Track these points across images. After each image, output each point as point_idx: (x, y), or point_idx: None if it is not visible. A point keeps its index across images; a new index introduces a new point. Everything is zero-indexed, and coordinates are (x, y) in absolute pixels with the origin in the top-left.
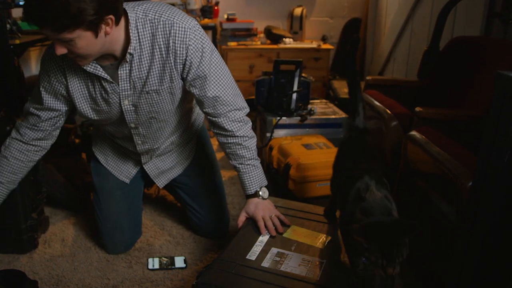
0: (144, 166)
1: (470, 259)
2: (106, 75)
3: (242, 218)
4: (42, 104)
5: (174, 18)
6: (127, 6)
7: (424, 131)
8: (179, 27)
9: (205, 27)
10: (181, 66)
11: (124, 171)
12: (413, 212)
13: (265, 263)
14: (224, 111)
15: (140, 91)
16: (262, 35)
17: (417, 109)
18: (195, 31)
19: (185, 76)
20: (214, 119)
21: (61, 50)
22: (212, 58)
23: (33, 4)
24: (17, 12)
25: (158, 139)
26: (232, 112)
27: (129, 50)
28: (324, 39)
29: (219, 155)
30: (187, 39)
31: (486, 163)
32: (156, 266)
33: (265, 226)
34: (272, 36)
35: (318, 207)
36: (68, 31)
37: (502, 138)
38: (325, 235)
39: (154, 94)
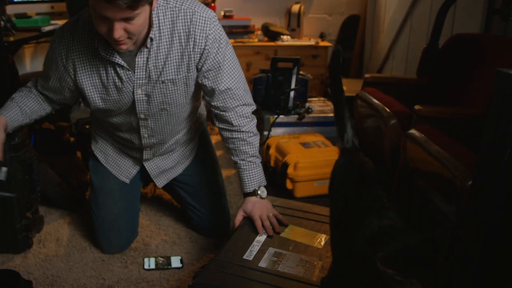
0: (144, 164)
1: (470, 259)
2: (123, 62)
3: (239, 217)
4: (48, 86)
5: (195, 7)
6: None
7: (423, 129)
8: (200, 16)
9: None
10: (199, 55)
11: (124, 171)
12: (412, 212)
13: (263, 263)
14: (233, 105)
15: (155, 81)
16: (259, 32)
17: (416, 107)
18: (214, 21)
19: (200, 66)
20: (222, 113)
21: (120, 32)
22: (227, 50)
23: None
24: (11, 9)
25: (165, 133)
26: (241, 107)
27: (150, 35)
28: (322, 36)
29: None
30: (207, 28)
31: (486, 162)
32: (152, 266)
33: (263, 225)
34: (270, 33)
35: (316, 206)
36: (141, 6)
37: (502, 137)
38: (323, 234)
39: (169, 83)
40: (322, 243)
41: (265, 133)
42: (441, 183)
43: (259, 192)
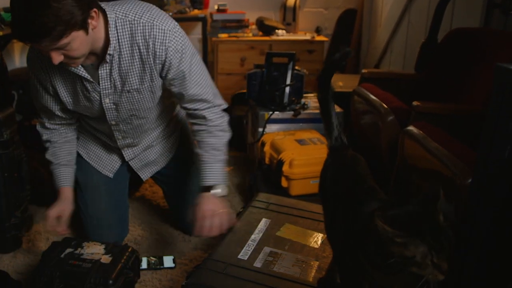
0: (128, 162)
1: (470, 258)
2: (86, 74)
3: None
4: (42, 103)
5: (154, 20)
6: (106, 6)
7: (422, 126)
8: (158, 29)
9: (195, 18)
10: (160, 66)
11: (107, 165)
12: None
13: (258, 263)
14: (203, 108)
15: (121, 90)
16: (254, 26)
17: (415, 103)
18: (174, 32)
19: (164, 75)
20: (192, 112)
21: (58, 58)
22: (192, 59)
23: (26, 23)
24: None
25: (138, 134)
26: (211, 108)
27: (108, 51)
28: (318, 31)
29: None
30: (167, 41)
31: (485, 159)
32: (144, 266)
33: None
34: (264, 28)
35: (312, 204)
36: (65, 37)
37: (502, 133)
38: (319, 233)
39: (135, 93)
40: (319, 242)
41: (260, 129)
42: (440, 180)
43: (214, 189)
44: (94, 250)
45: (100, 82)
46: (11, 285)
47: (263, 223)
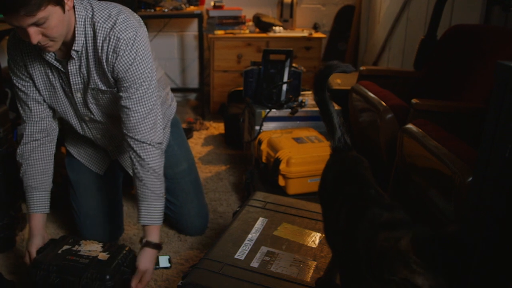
0: (116, 159)
1: (469, 258)
2: (59, 64)
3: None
4: (24, 95)
5: (114, 26)
6: (76, 0)
7: (421, 124)
8: (115, 37)
9: (191, 15)
10: (111, 71)
11: (97, 163)
12: (409, 210)
13: (254, 263)
14: (138, 143)
15: (86, 87)
16: (250, 23)
17: (414, 100)
18: (128, 41)
19: (116, 79)
20: (131, 142)
21: (37, 37)
22: (143, 73)
23: None
24: None
25: (118, 134)
26: (146, 145)
27: (74, 47)
28: (315, 28)
29: (204, 149)
30: (118, 48)
31: (486, 158)
32: None
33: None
34: (261, 24)
35: (309, 203)
36: (42, 9)
37: (503, 132)
38: (317, 233)
39: (99, 92)
40: (317, 242)
41: (257, 128)
42: (439, 179)
43: (154, 242)
44: (92, 248)
45: (70, 77)
46: (4, 285)
47: (260, 223)
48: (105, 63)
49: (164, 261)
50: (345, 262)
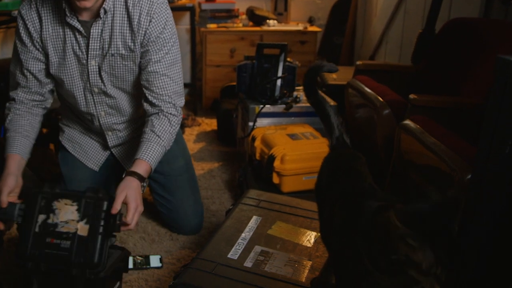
0: (112, 150)
1: (469, 258)
2: (81, 27)
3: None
4: (23, 63)
5: None
6: None
7: (419, 120)
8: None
9: (183, 8)
10: (142, 35)
11: (93, 158)
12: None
13: (248, 263)
14: (162, 101)
15: (106, 53)
16: (244, 16)
17: (411, 96)
18: (161, 5)
19: (144, 45)
20: (151, 98)
21: None
22: (172, 37)
23: None
24: None
25: (122, 113)
26: (168, 104)
27: (104, 5)
28: (311, 21)
29: (196, 146)
30: (152, 12)
31: (486, 155)
32: (130, 265)
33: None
34: (255, 18)
35: (304, 201)
36: None
37: (503, 128)
38: (313, 232)
39: (118, 57)
40: (312, 241)
41: (250, 124)
42: (438, 177)
43: (145, 182)
44: (68, 216)
45: (90, 41)
46: None
47: (253, 221)
48: (136, 26)
49: (155, 261)
50: (342, 261)
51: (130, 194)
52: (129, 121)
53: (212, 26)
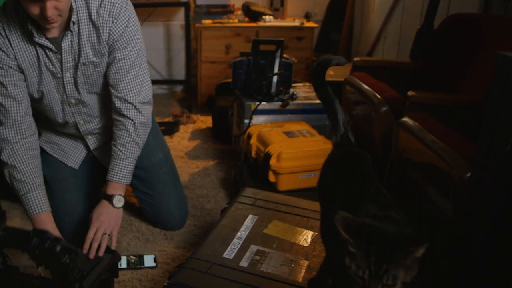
0: (93, 151)
1: (469, 258)
2: (51, 45)
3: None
4: (6, 89)
5: None
6: None
7: (418, 117)
8: (109, 1)
9: (177, 4)
10: (107, 36)
11: (72, 156)
12: (404, 207)
13: (244, 263)
14: (128, 105)
15: (77, 63)
16: (239, 12)
17: (410, 93)
18: (122, 5)
19: (109, 44)
20: (113, 92)
21: (53, 11)
22: (136, 35)
23: None
24: None
25: (101, 118)
26: (133, 110)
27: (72, 19)
28: (307, 17)
29: (191, 144)
30: (114, 13)
31: (486, 153)
32: (124, 265)
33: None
34: (251, 13)
35: (301, 200)
36: None
37: (503, 126)
38: (309, 231)
39: (90, 65)
40: (309, 240)
41: (246, 121)
42: (437, 175)
43: (114, 200)
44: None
45: (63, 55)
46: None
47: (249, 220)
48: (101, 30)
49: (149, 261)
50: (334, 262)
51: (95, 217)
52: (107, 124)
53: (207, 22)
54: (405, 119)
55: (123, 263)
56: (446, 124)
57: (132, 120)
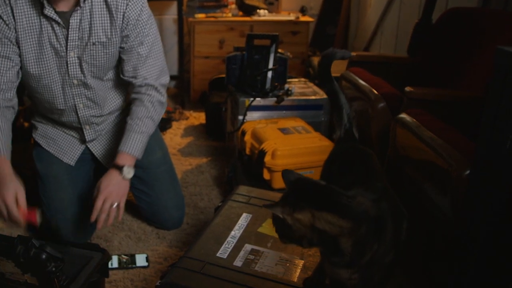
0: (88, 145)
1: (468, 257)
2: (59, 18)
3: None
4: None
5: None
6: None
7: (415, 113)
8: None
9: None
10: (121, 20)
11: (68, 152)
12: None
13: (238, 262)
14: (146, 82)
15: (86, 42)
16: (233, 6)
17: (407, 88)
18: None
19: (123, 29)
20: (133, 80)
21: None
22: (150, 18)
23: None
24: None
25: (101, 103)
26: (150, 87)
27: None
28: (303, 11)
29: (183, 141)
30: None
31: (485, 150)
32: (115, 265)
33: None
34: (245, 7)
35: None
36: None
37: (503, 122)
38: None
39: (99, 46)
40: None
41: (240, 117)
42: (435, 172)
43: (124, 170)
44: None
45: (70, 31)
46: None
47: (243, 219)
48: (114, 12)
49: (141, 260)
50: None
51: (101, 187)
52: (106, 114)
53: (200, 16)
54: (403, 115)
55: (114, 262)
56: (445, 120)
57: (151, 96)
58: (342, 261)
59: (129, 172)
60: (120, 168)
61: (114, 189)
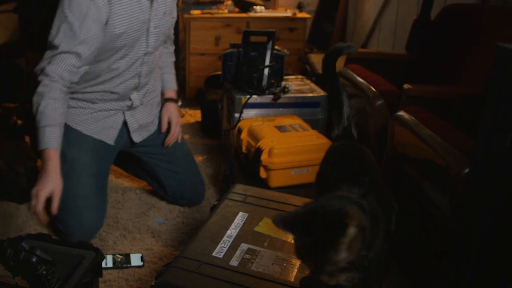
0: (126, 115)
1: (467, 257)
2: None
3: (165, 121)
4: (79, 37)
5: None
6: None
7: (414, 111)
8: None
9: None
10: None
11: (108, 130)
12: (400, 203)
13: (234, 262)
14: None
15: (163, 13)
16: (229, 2)
17: (406, 86)
18: None
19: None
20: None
21: None
22: None
23: None
24: None
25: (152, 72)
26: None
27: None
28: (300, 7)
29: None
30: None
31: (485, 148)
32: (109, 264)
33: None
34: (241, 4)
35: (293, 196)
36: None
37: (503, 120)
38: None
39: (169, 16)
40: None
41: (236, 115)
42: (434, 171)
43: (179, 101)
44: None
45: (154, 2)
46: None
47: (240, 218)
48: None
49: (136, 260)
50: None
51: (172, 115)
52: (149, 82)
53: (196, 12)
54: (401, 113)
55: (108, 262)
56: (443, 118)
57: (171, 47)
58: (338, 268)
59: (180, 103)
60: (175, 101)
61: (177, 116)
